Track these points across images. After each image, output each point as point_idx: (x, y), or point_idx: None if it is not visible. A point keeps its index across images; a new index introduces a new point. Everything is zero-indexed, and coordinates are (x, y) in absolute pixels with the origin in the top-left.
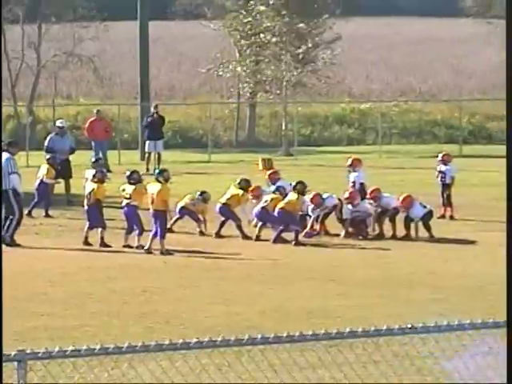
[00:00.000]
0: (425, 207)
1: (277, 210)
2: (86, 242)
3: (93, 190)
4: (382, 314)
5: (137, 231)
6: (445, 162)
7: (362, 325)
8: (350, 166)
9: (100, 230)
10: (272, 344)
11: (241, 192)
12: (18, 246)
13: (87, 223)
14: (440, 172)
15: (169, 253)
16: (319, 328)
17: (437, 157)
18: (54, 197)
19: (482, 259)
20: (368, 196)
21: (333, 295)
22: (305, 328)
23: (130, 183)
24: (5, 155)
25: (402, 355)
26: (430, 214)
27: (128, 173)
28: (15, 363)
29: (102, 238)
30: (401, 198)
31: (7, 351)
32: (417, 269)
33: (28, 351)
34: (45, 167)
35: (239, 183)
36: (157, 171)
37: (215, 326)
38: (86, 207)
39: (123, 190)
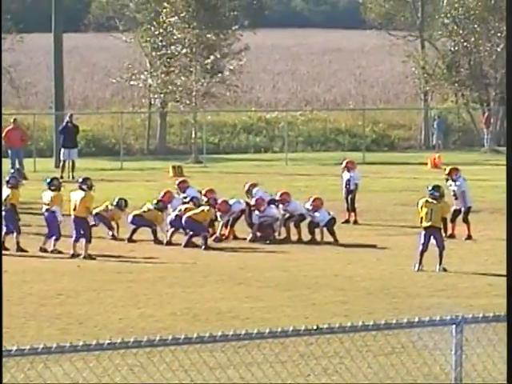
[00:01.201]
0: (329, 214)
1: (184, 218)
2: (3, 247)
3: (8, 195)
4: (288, 315)
5: (54, 236)
6: (349, 168)
7: (270, 326)
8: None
9: (15, 234)
10: (183, 345)
11: (159, 213)
12: None
13: (4, 228)
14: (344, 178)
15: (92, 257)
16: (228, 329)
17: (341, 164)
18: None
19: (384, 262)
20: (278, 198)
21: (241, 297)
22: (214, 329)
23: (51, 189)
24: None
25: (307, 355)
26: (333, 221)
27: (48, 180)
28: None
29: (17, 243)
30: (311, 200)
31: None
32: (321, 272)
33: None
34: None
35: (157, 204)
36: (80, 180)
37: (128, 328)
38: (3, 213)
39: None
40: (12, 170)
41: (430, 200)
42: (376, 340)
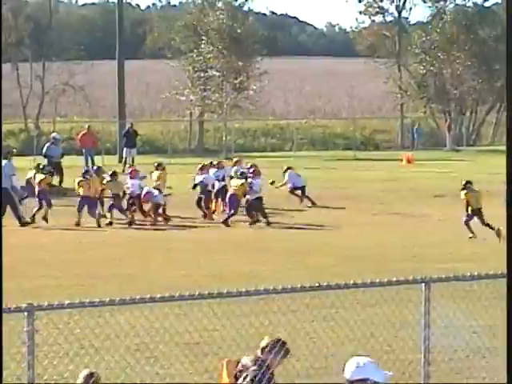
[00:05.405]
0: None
1: (228, 195)
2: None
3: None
4: (295, 275)
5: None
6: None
7: (282, 283)
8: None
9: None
10: (216, 298)
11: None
12: (28, 224)
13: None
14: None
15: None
16: (250, 286)
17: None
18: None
19: (366, 236)
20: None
21: (259, 262)
22: (239, 286)
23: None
24: (5, 162)
25: (311, 306)
26: (260, 199)
27: (84, 170)
28: (25, 313)
29: (97, 220)
30: (251, 169)
31: (19, 305)
32: (325, 244)
33: (35, 304)
34: (35, 174)
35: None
36: (110, 172)
37: (173, 285)
38: (80, 198)
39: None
40: (85, 167)
41: (471, 191)
42: (363, 295)
